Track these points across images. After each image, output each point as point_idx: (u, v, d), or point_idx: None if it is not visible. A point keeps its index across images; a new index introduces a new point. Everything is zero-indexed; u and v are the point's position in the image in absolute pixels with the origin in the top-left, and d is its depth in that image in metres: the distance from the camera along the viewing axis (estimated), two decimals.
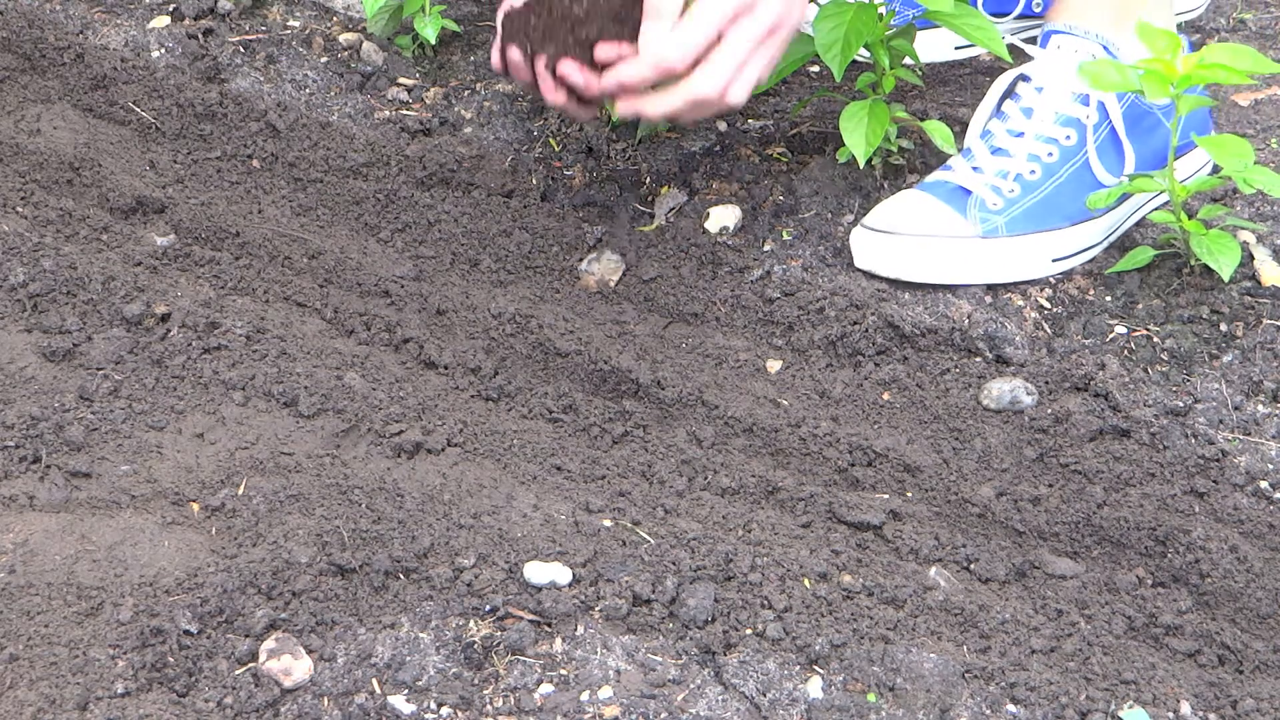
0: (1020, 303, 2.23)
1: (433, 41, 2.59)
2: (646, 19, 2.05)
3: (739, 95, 2.07)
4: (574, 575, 1.69)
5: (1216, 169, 2.38)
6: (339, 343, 2.09)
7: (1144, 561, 1.89)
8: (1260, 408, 2.06)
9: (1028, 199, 2.24)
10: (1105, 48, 2.26)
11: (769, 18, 2.06)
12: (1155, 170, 2.29)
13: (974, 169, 2.26)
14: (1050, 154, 2.26)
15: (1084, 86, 2.26)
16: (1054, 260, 2.25)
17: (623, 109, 2.11)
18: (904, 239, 2.23)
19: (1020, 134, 2.27)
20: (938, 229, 2.23)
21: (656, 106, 2.09)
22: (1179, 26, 2.45)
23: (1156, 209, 2.34)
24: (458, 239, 2.36)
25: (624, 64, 2.07)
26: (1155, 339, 2.16)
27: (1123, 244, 2.31)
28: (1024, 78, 2.31)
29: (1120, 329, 2.18)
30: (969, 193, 2.24)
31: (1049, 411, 2.07)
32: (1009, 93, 2.33)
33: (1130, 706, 1.61)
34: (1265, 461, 2.00)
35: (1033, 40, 2.44)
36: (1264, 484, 1.98)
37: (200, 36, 2.65)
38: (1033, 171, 2.25)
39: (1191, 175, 2.36)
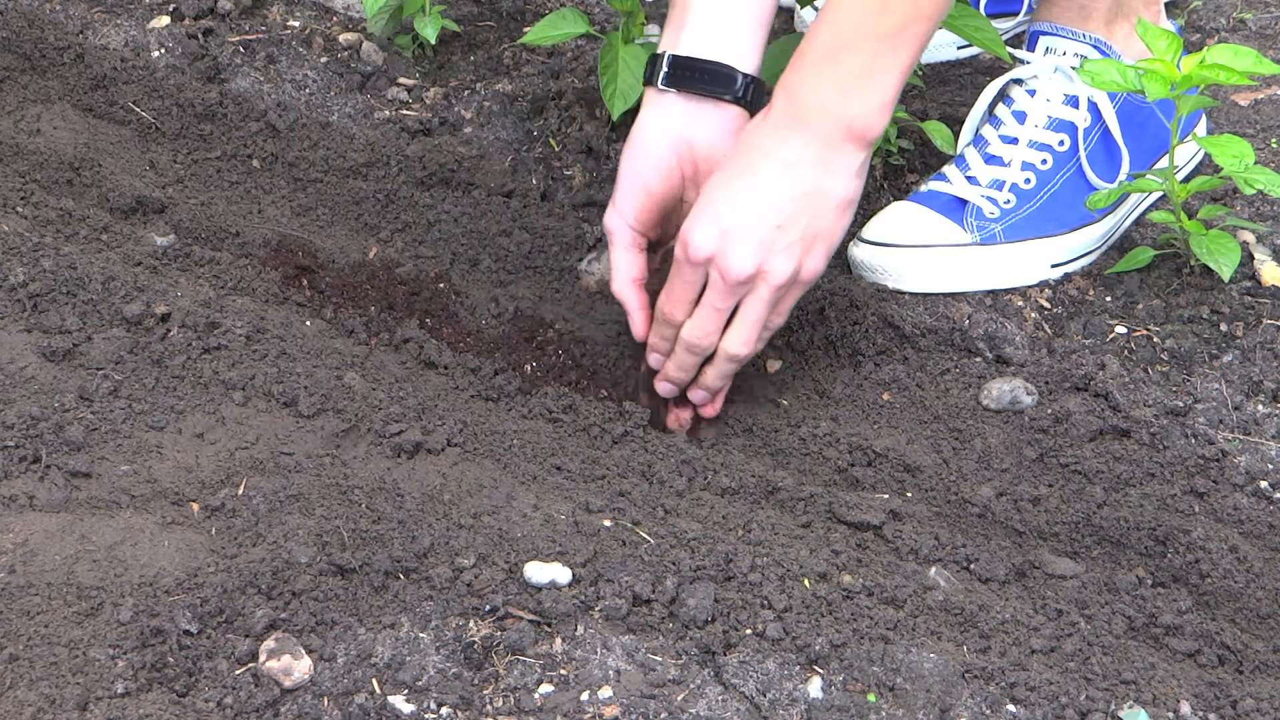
0: (1020, 303, 2.23)
1: (433, 41, 2.59)
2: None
3: (735, 345, 1.98)
4: (574, 575, 1.69)
5: (1207, 159, 2.38)
6: (339, 343, 2.09)
7: (1144, 561, 1.89)
8: (1260, 408, 2.06)
9: (1024, 208, 2.24)
10: (1096, 46, 2.26)
11: (736, 272, 1.92)
12: (1149, 165, 2.29)
13: (969, 179, 2.25)
14: (1044, 161, 2.25)
15: (1074, 88, 2.26)
16: (1053, 265, 2.25)
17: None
18: (902, 250, 2.23)
19: (1014, 140, 2.27)
20: (935, 238, 2.22)
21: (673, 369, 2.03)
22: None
23: (1153, 207, 2.34)
24: (458, 239, 2.36)
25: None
26: (1155, 339, 2.16)
27: (1122, 244, 2.31)
28: (1016, 81, 2.31)
29: (1120, 329, 2.18)
30: (964, 203, 2.24)
31: (1049, 411, 2.07)
32: (1001, 96, 2.32)
33: (1130, 706, 1.61)
34: (1265, 461, 2.00)
35: (1018, 41, 2.44)
36: (1264, 484, 1.98)
37: (200, 36, 2.65)
38: (1028, 180, 2.25)
39: (1182, 167, 2.36)
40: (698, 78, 1.99)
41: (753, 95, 1.99)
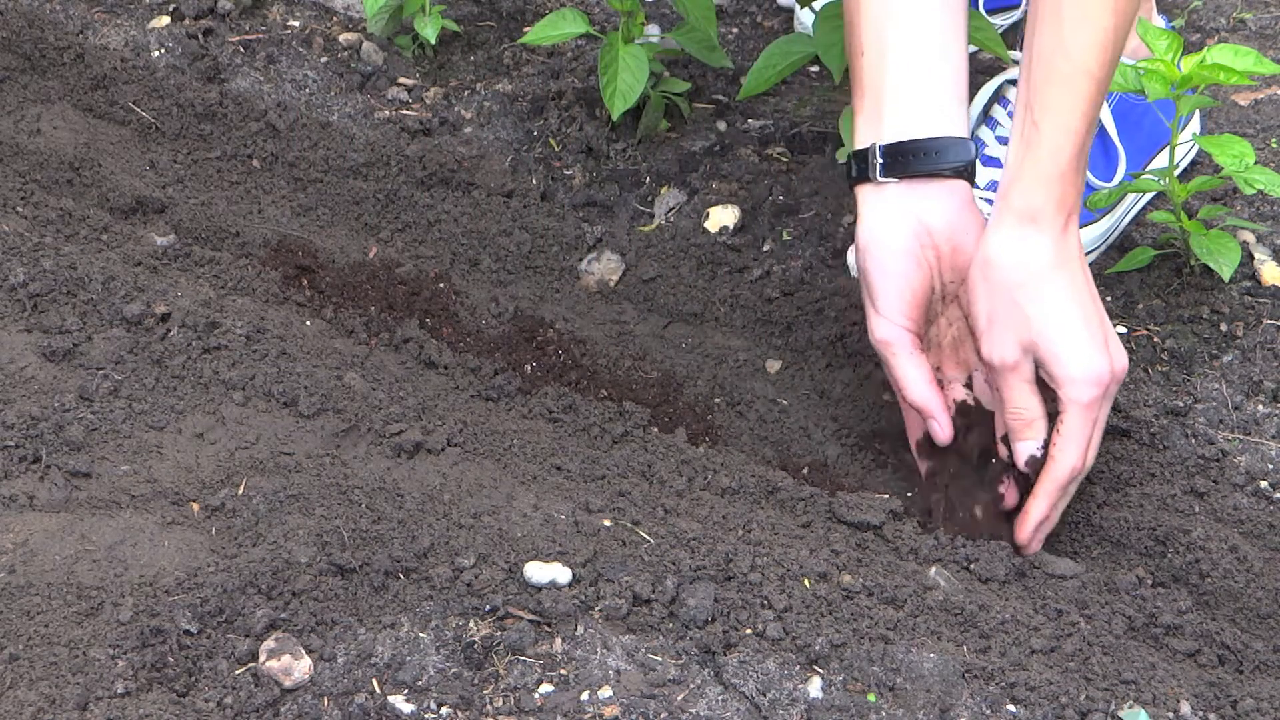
0: None
1: (433, 41, 2.59)
2: (1016, 440, 1.91)
3: (1092, 458, 1.90)
4: (574, 575, 1.69)
5: (1203, 157, 2.37)
6: (339, 343, 2.09)
7: (1144, 561, 1.89)
8: (1260, 408, 2.06)
9: None
10: None
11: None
12: (1145, 163, 2.28)
13: None
14: None
15: None
16: None
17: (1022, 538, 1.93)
18: None
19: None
20: None
21: (1040, 509, 1.90)
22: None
23: (1150, 205, 2.33)
24: (458, 239, 2.36)
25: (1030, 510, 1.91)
26: (1155, 339, 2.16)
27: (1122, 244, 2.31)
28: (1010, 82, 2.30)
29: (1120, 329, 2.18)
30: None
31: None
32: (996, 98, 2.32)
33: (1130, 706, 1.61)
34: (1265, 461, 2.00)
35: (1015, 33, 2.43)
36: (1264, 484, 1.98)
37: (200, 36, 2.65)
38: None
39: (1178, 163, 2.35)
40: (922, 159, 1.90)
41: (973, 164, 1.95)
